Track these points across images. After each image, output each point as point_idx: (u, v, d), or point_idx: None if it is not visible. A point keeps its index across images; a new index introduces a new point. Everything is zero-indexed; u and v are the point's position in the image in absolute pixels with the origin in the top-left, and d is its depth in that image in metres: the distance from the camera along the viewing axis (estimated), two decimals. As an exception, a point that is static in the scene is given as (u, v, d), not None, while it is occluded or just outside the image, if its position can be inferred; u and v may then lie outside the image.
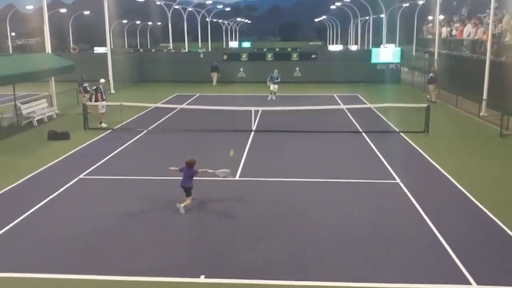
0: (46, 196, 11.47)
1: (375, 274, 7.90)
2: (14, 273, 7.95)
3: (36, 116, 20.86)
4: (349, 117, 21.62)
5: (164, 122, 21.11)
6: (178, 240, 9.25)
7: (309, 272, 7.99)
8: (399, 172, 13.34)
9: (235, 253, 8.67)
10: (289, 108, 22.03)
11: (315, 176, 13.15)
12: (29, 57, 26.92)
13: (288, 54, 39.91)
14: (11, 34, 70.05)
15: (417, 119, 18.62)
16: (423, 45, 40.98)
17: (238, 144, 16.70)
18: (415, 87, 32.91)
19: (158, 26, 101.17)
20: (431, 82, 27.00)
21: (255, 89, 31.46)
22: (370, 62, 36.62)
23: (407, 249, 8.81)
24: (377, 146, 16.35)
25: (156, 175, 13.29)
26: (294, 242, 9.10)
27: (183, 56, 44.54)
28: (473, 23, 28.12)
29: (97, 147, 16.63)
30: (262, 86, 29.67)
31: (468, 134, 18.88)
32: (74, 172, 13.35)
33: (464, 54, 28.46)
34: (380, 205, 11.10)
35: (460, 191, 11.88)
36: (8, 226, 9.80)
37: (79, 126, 19.30)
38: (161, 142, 17.67)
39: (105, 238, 9.30)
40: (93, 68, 30.49)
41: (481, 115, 21.71)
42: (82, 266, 8.19)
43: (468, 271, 7.94)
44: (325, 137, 17.94)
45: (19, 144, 17.27)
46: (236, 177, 13.06)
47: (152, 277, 7.83)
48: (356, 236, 9.36)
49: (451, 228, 9.69)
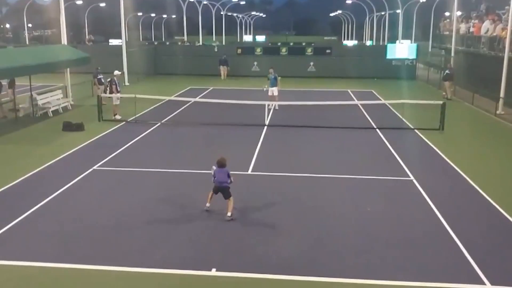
0: (60, 187, 11.56)
1: (388, 272, 7.83)
2: (27, 262, 8.02)
3: (51, 107, 21.03)
4: (363, 113, 21.47)
5: (177, 115, 21.15)
6: (190, 233, 9.26)
7: (322, 268, 7.95)
8: (413, 169, 13.21)
9: (247, 248, 8.66)
10: (302, 103, 21.95)
11: (328, 172, 13.07)
12: (45, 48, 27.09)
13: (303, 49, 39.64)
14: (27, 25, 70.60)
15: (432, 116, 18.42)
16: (440, 42, 40.56)
17: (251, 138, 16.70)
18: (431, 83, 32.59)
19: (172, 19, 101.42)
20: (447, 79, 26.69)
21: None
22: (385, 58, 36.30)
23: (420, 247, 8.72)
24: (391, 143, 16.21)
25: (169, 168, 13.32)
26: (307, 238, 9.06)
27: (197, 49, 44.56)
28: (491, 20, 27.73)
29: (111, 139, 16.72)
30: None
31: (484, 132, 18.64)
32: (88, 163, 13.43)
33: (482, 51, 28.08)
34: (394, 202, 11.01)
35: (475, 190, 11.74)
36: (23, 215, 9.89)
37: (94, 118, 19.41)
38: (174, 135, 17.70)
39: (118, 230, 9.35)
40: (108, 60, 30.70)
41: (498, 113, 21.42)
42: (95, 257, 8.24)
43: (482, 271, 7.84)
44: (338, 133, 17.84)
45: (34, 135, 17.42)
46: (249, 171, 13.04)
47: (164, 269, 7.85)
48: (370, 233, 9.29)
49: (465, 226, 9.58)
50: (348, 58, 36.95)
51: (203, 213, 10.12)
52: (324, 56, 37.47)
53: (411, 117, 20.09)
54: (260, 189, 11.80)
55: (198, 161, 13.97)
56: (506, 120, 20.17)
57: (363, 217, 10.08)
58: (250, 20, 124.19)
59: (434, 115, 18.30)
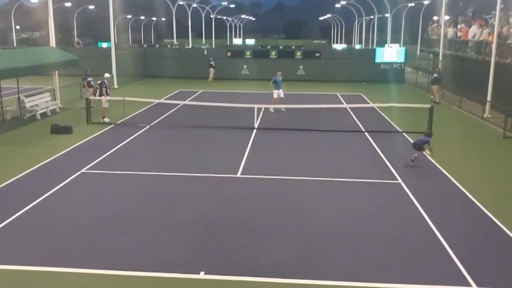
0: (48, 190, 11.48)
1: (376, 274, 7.89)
2: (15, 266, 7.96)
3: (39, 109, 20.87)
4: (352, 117, 21.58)
5: (166, 117, 21.11)
6: (179, 236, 9.24)
7: (311, 270, 7.98)
8: (401, 172, 13.31)
9: (236, 251, 8.66)
10: (292, 106, 22.01)
11: (316, 174, 13.12)
12: (33, 50, 26.91)
13: (292, 52, 39.70)
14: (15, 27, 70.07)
15: (420, 119, 18.56)
16: (428, 45, 40.88)
17: (240, 141, 16.71)
18: (419, 87, 32.82)
19: (162, 21, 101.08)
20: (435, 83, 26.92)
21: (258, 86, 31.39)
22: (374, 62, 36.52)
23: (408, 249, 8.80)
24: (379, 146, 16.32)
25: (158, 171, 13.29)
26: (296, 240, 9.09)
27: (186, 52, 44.51)
28: (478, 24, 28.03)
29: (99, 142, 16.64)
30: (265, 84, 29.49)
31: (471, 136, 18.82)
32: (76, 166, 13.36)
33: (469, 55, 28.37)
34: (382, 205, 11.09)
35: (462, 193, 11.85)
36: (10, 218, 9.81)
37: (82, 120, 19.31)
38: (163, 137, 17.67)
39: (106, 233, 9.31)
40: (97, 62, 30.54)
41: (485, 116, 21.63)
42: (82, 260, 8.19)
43: (468, 272, 7.92)
44: (327, 136, 17.91)
45: (22, 137, 17.29)
46: (238, 174, 13.06)
47: (152, 273, 7.83)
48: (357, 235, 9.35)
49: (452, 229, 9.66)
50: (337, 62, 37.11)
51: (192, 217, 10.12)
52: (314, 59, 37.58)
53: (399, 120, 20.23)
54: (250, 192, 11.81)
55: (187, 164, 13.97)
56: (493, 124, 20.38)
57: (351, 220, 10.14)
58: (240, 23, 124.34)
59: (422, 119, 18.44)
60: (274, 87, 22.88)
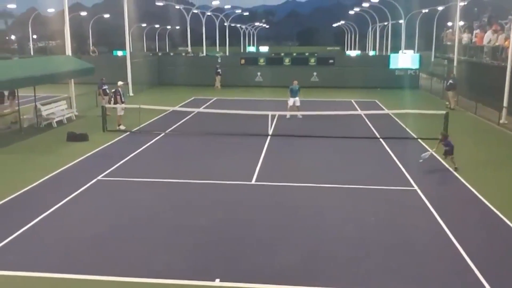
0: (65, 197, 11.59)
1: (389, 283, 7.81)
2: (30, 272, 8.03)
3: (55, 117, 21.13)
4: (366, 123, 21.49)
5: (181, 125, 21.22)
6: (193, 243, 9.26)
7: (324, 278, 7.93)
8: (417, 179, 13.20)
9: (250, 257, 8.65)
10: (306, 113, 21.99)
11: (331, 182, 13.07)
12: (50, 59, 27.26)
13: (306, 59, 39.73)
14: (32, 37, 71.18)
15: (436, 126, 18.39)
16: (442, 51, 40.63)
17: (255, 148, 16.72)
18: (434, 93, 32.59)
19: (176, 30, 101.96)
20: (450, 89, 26.71)
21: (272, 93, 31.47)
22: (388, 68, 36.38)
23: (424, 258, 8.70)
24: (394, 152, 16.21)
25: (173, 178, 13.35)
26: (310, 248, 9.04)
27: (200, 60, 44.78)
28: (493, 30, 27.80)
29: (115, 149, 16.78)
30: (279, 91, 29.67)
31: (488, 142, 18.61)
32: (92, 174, 13.47)
33: (484, 60, 28.12)
34: (398, 212, 10.99)
35: (478, 199, 11.71)
36: (27, 226, 9.91)
37: (98, 128, 19.50)
38: (178, 145, 17.76)
39: (122, 240, 9.36)
40: (112, 70, 30.85)
41: (501, 122, 21.40)
42: (97, 267, 8.24)
43: (485, 279, 7.80)
44: (342, 143, 17.85)
45: (38, 145, 17.50)
46: (252, 181, 13.06)
47: (167, 280, 7.84)
48: (373, 243, 9.27)
49: (468, 235, 9.55)
50: (351, 68, 37.05)
51: (206, 223, 10.13)
52: (327, 66, 37.57)
53: (414, 126, 20.09)
54: (264, 199, 11.80)
55: (201, 171, 14.00)
56: (509, 130, 20.14)
57: (367, 227, 10.07)
58: (254, 31, 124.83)
59: (437, 125, 18.28)
60: (290, 95, 23.01)
